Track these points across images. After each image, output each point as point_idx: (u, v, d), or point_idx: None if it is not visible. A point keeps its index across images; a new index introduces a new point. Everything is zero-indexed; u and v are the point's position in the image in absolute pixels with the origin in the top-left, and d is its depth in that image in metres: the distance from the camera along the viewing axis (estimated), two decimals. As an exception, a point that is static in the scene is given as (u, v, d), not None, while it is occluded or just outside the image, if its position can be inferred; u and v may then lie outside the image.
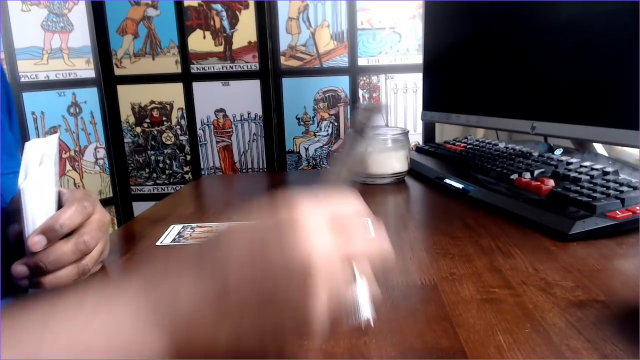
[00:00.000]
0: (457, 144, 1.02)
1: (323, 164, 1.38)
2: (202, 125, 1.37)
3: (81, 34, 1.31)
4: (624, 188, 0.61)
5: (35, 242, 0.46)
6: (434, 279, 0.47)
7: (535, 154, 0.83)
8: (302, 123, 1.36)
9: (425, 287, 0.46)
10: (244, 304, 0.29)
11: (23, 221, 0.47)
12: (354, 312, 0.31)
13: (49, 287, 0.47)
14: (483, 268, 0.49)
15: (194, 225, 0.69)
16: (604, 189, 0.61)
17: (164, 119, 1.37)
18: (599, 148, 0.84)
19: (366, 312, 0.31)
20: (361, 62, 1.32)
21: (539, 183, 0.67)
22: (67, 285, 0.49)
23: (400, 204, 0.79)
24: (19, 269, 0.46)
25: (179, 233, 0.66)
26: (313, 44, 1.31)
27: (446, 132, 1.33)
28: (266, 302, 0.29)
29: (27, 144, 0.48)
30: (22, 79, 1.24)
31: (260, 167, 1.39)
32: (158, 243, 0.63)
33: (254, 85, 1.34)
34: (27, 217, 0.47)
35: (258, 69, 1.33)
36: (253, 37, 1.31)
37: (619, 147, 0.87)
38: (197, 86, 1.35)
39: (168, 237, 0.65)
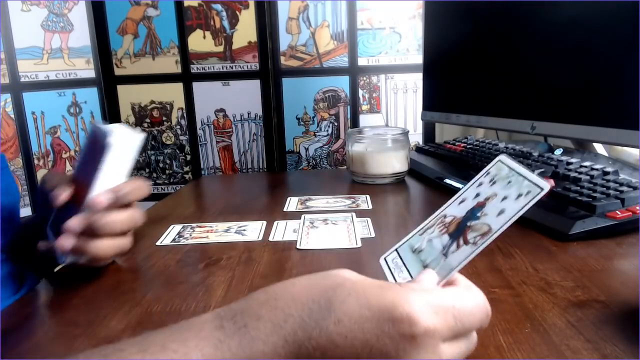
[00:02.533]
0: (457, 144, 1.02)
1: (323, 164, 1.38)
2: (202, 125, 1.37)
3: (81, 34, 1.31)
4: (624, 188, 0.61)
5: (100, 200, 0.48)
6: (434, 279, 0.47)
7: (535, 154, 0.83)
8: (302, 123, 1.36)
9: (425, 287, 0.46)
10: None
11: (94, 178, 0.48)
12: None
13: (90, 253, 0.48)
14: (483, 268, 0.49)
15: (194, 225, 0.69)
16: (604, 189, 0.61)
17: (164, 119, 1.38)
18: (599, 148, 0.84)
19: None
20: (361, 62, 1.32)
21: (539, 183, 0.67)
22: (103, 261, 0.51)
23: (400, 204, 0.79)
24: (75, 222, 0.47)
25: (178, 233, 0.66)
26: (313, 44, 1.31)
27: (446, 132, 1.33)
28: None
29: (114, 126, 0.50)
30: (22, 79, 1.24)
31: (260, 167, 1.39)
32: (158, 243, 0.63)
33: (254, 85, 1.34)
34: (100, 176, 0.49)
35: (258, 69, 1.33)
36: (253, 37, 1.31)
37: (619, 147, 0.87)
38: (197, 86, 1.35)
39: (168, 237, 0.65)
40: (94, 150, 0.49)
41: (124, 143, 0.49)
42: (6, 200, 0.57)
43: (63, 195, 0.49)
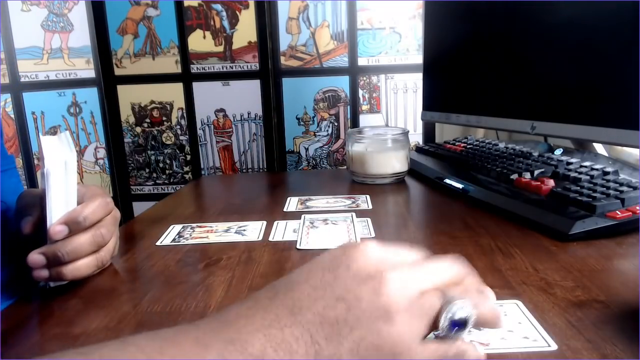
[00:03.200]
0: (457, 144, 1.02)
1: (323, 164, 1.38)
2: (202, 125, 1.37)
3: (81, 34, 1.32)
4: (624, 188, 0.61)
5: (58, 231, 0.47)
6: (434, 279, 0.47)
7: (535, 154, 0.83)
8: (302, 123, 1.36)
9: (425, 287, 0.46)
10: None
11: (46, 208, 0.47)
12: None
13: (70, 277, 0.48)
14: (483, 268, 0.49)
15: (194, 225, 0.69)
16: (604, 189, 0.61)
17: (164, 119, 1.38)
18: (599, 148, 0.84)
19: None
20: (361, 62, 1.32)
21: (539, 183, 0.67)
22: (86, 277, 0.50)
23: (400, 204, 0.79)
24: (36, 257, 0.47)
25: (178, 233, 0.66)
26: (313, 44, 1.31)
27: (446, 132, 1.33)
28: None
29: (43, 139, 0.49)
30: (22, 79, 1.24)
31: (260, 167, 1.39)
32: (158, 243, 0.63)
33: (254, 85, 1.34)
34: (50, 204, 0.47)
35: (258, 69, 1.33)
36: (253, 37, 1.31)
37: (619, 147, 0.87)
38: (197, 86, 1.35)
39: (168, 237, 0.65)
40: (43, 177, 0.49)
41: (59, 163, 0.48)
42: (12, 200, 0.57)
43: (27, 225, 0.49)
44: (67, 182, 0.49)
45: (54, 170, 0.48)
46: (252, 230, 0.65)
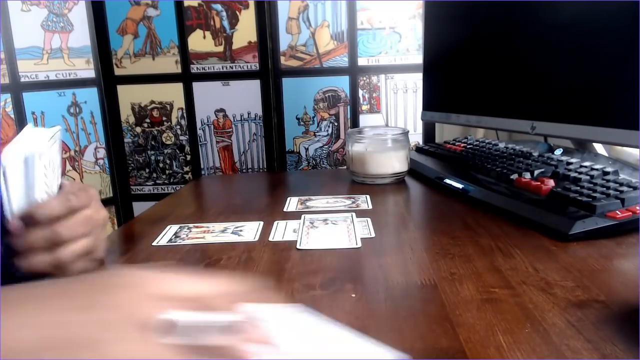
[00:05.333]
0: (457, 144, 1.02)
1: (323, 164, 1.38)
2: (202, 125, 1.37)
3: (81, 34, 1.31)
4: (624, 188, 0.61)
5: (12, 226, 0.47)
6: (434, 279, 0.47)
7: (535, 154, 0.83)
8: (302, 123, 1.36)
9: (425, 287, 0.46)
10: None
11: (3, 197, 0.47)
12: None
13: (24, 269, 0.47)
14: (483, 268, 0.49)
15: (190, 225, 0.69)
16: (604, 189, 0.61)
17: (164, 119, 1.37)
18: (599, 148, 0.84)
19: None
20: (361, 62, 1.32)
21: (539, 183, 0.67)
22: (43, 274, 0.48)
23: (400, 204, 0.79)
24: None
25: (175, 233, 0.66)
26: (313, 44, 1.31)
27: (446, 132, 1.33)
28: None
29: (26, 128, 0.48)
30: (22, 79, 1.24)
31: (260, 167, 1.39)
32: (154, 243, 0.62)
33: (254, 85, 1.34)
34: (8, 198, 0.47)
35: (258, 69, 1.32)
36: (253, 37, 1.31)
37: (619, 147, 0.87)
38: (197, 86, 1.35)
39: (164, 237, 0.65)
40: None
41: (18, 157, 0.47)
42: None
43: None
44: (27, 177, 0.48)
45: (10, 164, 0.46)
46: (249, 231, 0.65)
